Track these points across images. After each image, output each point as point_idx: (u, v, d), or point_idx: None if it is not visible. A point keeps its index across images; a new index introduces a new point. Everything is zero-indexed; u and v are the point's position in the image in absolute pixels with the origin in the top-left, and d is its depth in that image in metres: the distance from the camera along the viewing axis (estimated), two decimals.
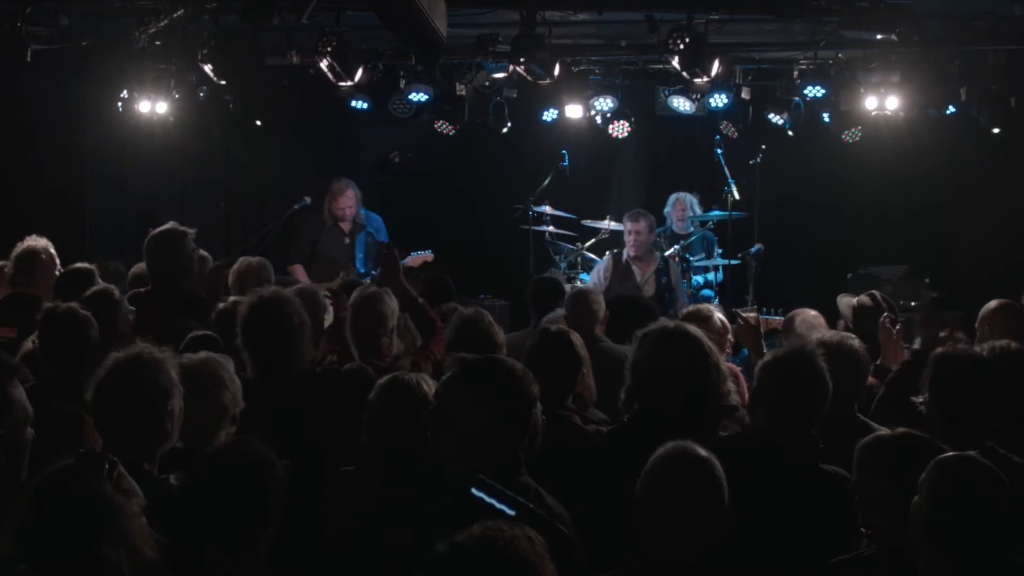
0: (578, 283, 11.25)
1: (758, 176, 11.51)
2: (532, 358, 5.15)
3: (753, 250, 11.10)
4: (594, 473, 4.50)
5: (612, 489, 3.89)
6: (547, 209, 11.83)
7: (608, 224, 11.94)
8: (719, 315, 6.81)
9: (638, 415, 4.72)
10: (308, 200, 11.06)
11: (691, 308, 7.00)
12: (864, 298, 6.97)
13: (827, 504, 4.34)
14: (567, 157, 11.83)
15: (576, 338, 5.35)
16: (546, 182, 11.76)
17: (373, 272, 10.63)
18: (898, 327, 6.23)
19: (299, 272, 10.92)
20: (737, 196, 11.38)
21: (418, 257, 11.20)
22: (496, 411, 3.69)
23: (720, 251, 11.61)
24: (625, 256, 10.82)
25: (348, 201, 11.05)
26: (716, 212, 11.65)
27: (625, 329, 5.18)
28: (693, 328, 4.84)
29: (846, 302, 7.10)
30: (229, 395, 4.52)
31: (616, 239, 12.07)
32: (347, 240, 11.09)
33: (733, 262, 11.31)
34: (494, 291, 12.15)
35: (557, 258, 11.96)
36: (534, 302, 7.99)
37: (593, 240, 11.93)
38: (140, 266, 7.80)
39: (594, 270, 10.94)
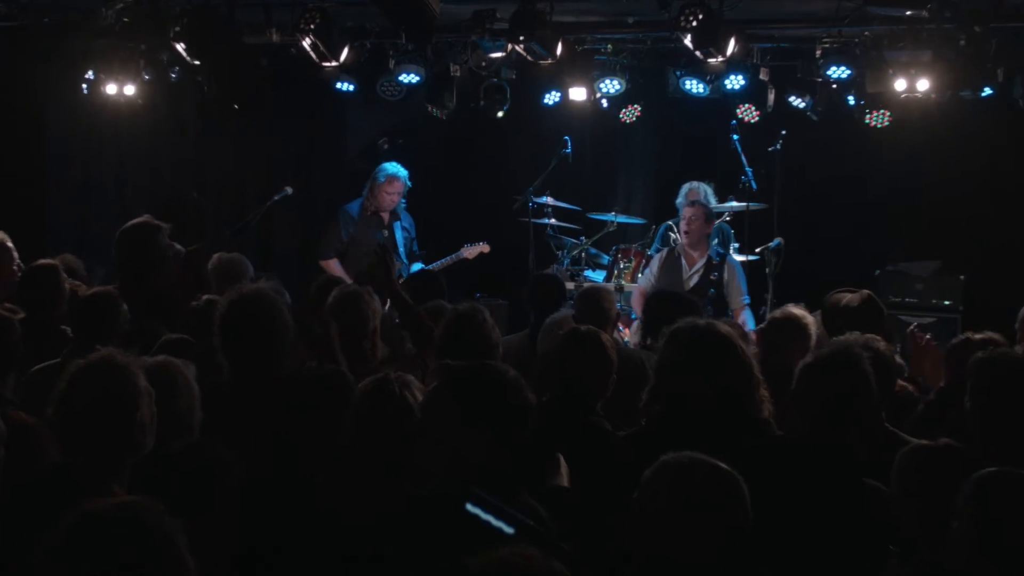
0: (584, 281, 11.08)
1: (778, 164, 11.31)
2: (561, 360, 5.18)
3: (772, 244, 10.84)
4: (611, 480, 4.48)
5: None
6: (549, 200, 11.66)
7: (615, 217, 11.76)
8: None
9: (658, 420, 4.68)
10: (289, 190, 10.93)
11: (785, 312, 6.67)
12: (854, 297, 6.82)
13: (856, 520, 4.30)
14: (570, 144, 11.65)
15: (607, 339, 5.34)
16: (548, 171, 11.59)
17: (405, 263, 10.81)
18: (928, 335, 6.23)
19: (333, 267, 10.93)
20: (755, 186, 11.20)
21: (473, 248, 11.23)
22: (486, 424, 3.66)
23: (736, 245, 11.36)
24: (677, 246, 10.66)
25: (398, 188, 11.08)
26: (732, 203, 11.45)
27: (661, 328, 5.18)
28: (725, 327, 4.80)
29: (836, 299, 6.95)
30: (184, 403, 4.48)
31: (623, 233, 12.05)
32: (385, 232, 11.16)
33: (751, 258, 11.12)
34: (490, 289, 11.99)
35: (560, 253, 11.78)
36: (533, 301, 7.84)
37: (599, 234, 11.77)
38: (64, 258, 7.69)
39: (648, 266, 10.76)
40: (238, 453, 3.93)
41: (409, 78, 11.42)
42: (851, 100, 11.50)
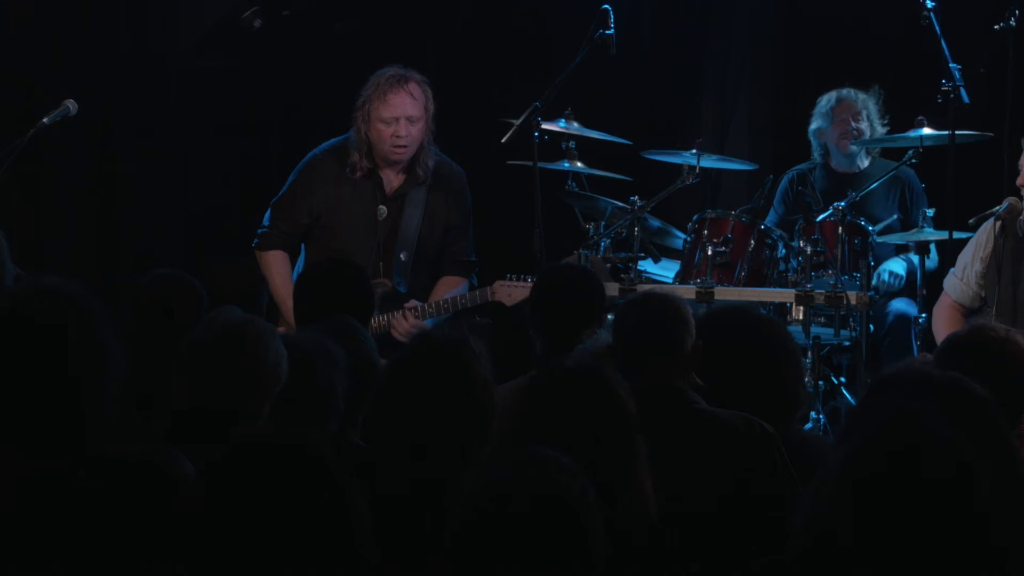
0: (637, 280, 8.35)
1: (1012, 54, 8.64)
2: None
3: (999, 209, 8.21)
4: None
5: None
6: (571, 128, 8.70)
7: (697, 159, 8.75)
8: None
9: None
10: (71, 106, 8.65)
11: None
12: None
13: None
14: (612, 16, 8.69)
15: (687, 386, 4.92)
16: (570, 69, 8.61)
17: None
18: None
19: (274, 266, 8.88)
20: (967, 98, 8.45)
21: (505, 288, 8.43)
22: None
23: (931, 212, 8.77)
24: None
25: (411, 109, 8.47)
26: (921, 131, 8.67)
27: (723, 374, 4.70)
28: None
29: None
30: None
31: (715, 190, 9.71)
32: (383, 210, 8.96)
33: (959, 235, 8.53)
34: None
35: (590, 227, 8.99)
36: (542, 318, 6.50)
37: (667, 191, 8.73)
38: None
39: (965, 250, 8.46)
40: None
41: None
42: None
